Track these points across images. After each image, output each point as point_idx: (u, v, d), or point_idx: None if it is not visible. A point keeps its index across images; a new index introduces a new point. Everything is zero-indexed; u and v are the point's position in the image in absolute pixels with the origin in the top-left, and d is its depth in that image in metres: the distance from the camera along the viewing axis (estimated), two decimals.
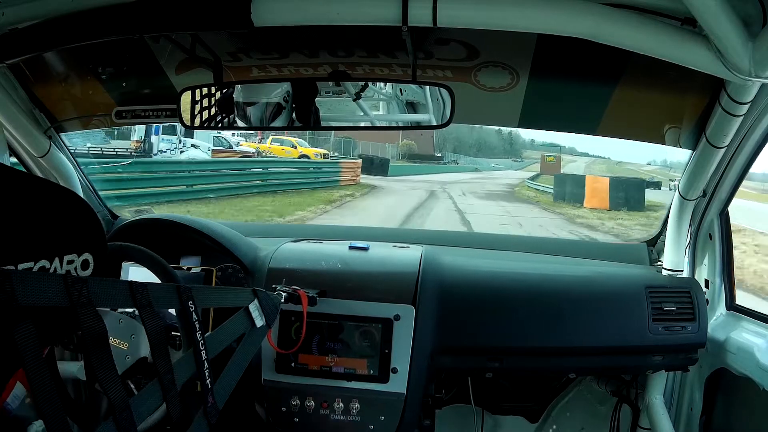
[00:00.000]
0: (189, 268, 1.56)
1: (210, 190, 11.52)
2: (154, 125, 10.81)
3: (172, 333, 1.35)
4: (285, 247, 1.62)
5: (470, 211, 12.65)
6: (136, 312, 1.19)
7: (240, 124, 1.45)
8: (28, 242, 0.69)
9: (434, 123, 1.41)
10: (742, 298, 1.63)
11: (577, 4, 1.05)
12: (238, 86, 1.46)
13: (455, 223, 10.95)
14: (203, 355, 0.96)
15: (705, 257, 1.65)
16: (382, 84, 1.53)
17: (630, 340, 1.50)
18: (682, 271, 1.65)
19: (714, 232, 1.59)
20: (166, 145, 13.88)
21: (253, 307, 1.12)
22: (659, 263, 1.75)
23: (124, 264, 1.48)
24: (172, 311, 1.37)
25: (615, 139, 1.63)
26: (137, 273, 1.46)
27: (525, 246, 1.95)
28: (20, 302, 0.61)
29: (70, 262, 0.74)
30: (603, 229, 11.40)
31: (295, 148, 18.36)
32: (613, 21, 1.04)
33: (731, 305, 1.61)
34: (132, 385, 1.19)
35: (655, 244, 1.83)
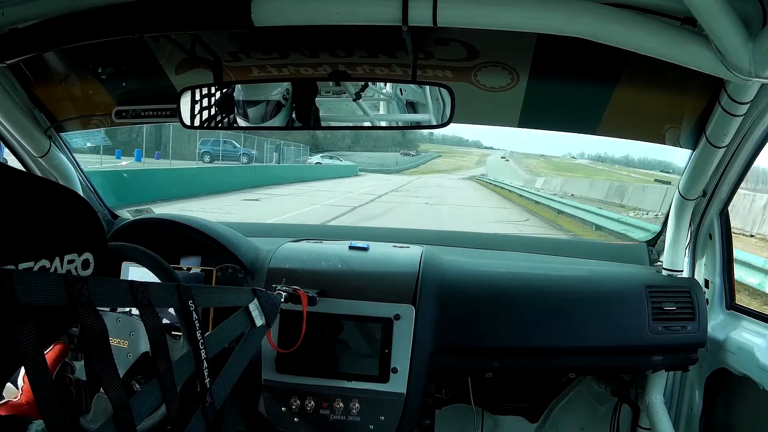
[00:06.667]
0: (189, 268, 1.56)
1: None
2: None
3: (173, 332, 1.35)
4: (285, 247, 1.62)
5: None
6: (132, 310, 1.19)
7: (240, 124, 1.45)
8: (28, 242, 0.69)
9: (434, 123, 1.41)
10: None
11: (577, 4, 1.05)
12: (238, 86, 1.47)
13: None
14: (203, 354, 0.96)
15: (705, 257, 1.65)
16: (382, 84, 1.53)
17: (630, 339, 1.50)
18: (682, 271, 1.65)
19: (714, 231, 1.59)
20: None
21: (253, 307, 1.12)
22: (659, 263, 1.75)
23: (124, 264, 1.49)
24: (171, 310, 1.37)
25: (615, 138, 1.63)
26: (137, 273, 1.47)
27: (525, 246, 1.95)
28: (21, 302, 0.61)
29: (70, 261, 0.74)
30: None
31: None
32: (613, 21, 1.04)
33: (731, 305, 1.61)
34: (137, 385, 1.20)
35: (655, 244, 1.83)
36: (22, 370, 0.67)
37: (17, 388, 1.18)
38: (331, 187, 20.71)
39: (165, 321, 1.43)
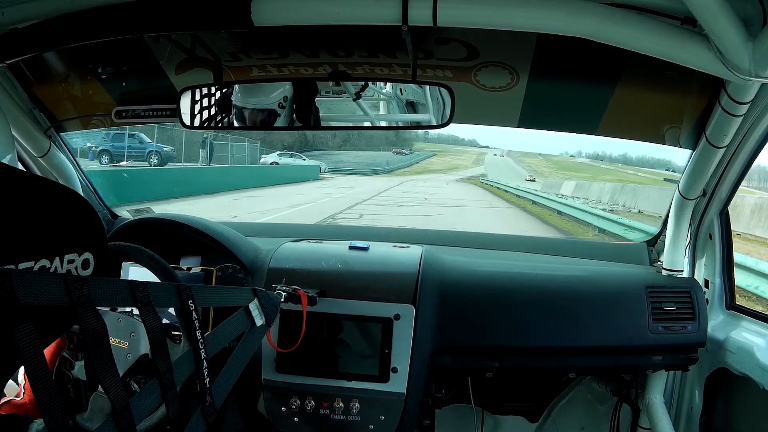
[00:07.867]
0: (189, 268, 1.56)
1: None
2: None
3: (172, 332, 1.35)
4: (285, 247, 1.62)
5: None
6: (134, 311, 1.19)
7: (240, 124, 1.45)
8: (28, 241, 0.69)
9: (434, 123, 1.42)
10: None
11: (577, 4, 1.05)
12: (237, 89, 1.47)
13: None
14: (203, 354, 0.96)
15: (705, 257, 1.65)
16: (382, 84, 1.53)
17: (630, 339, 1.50)
18: (682, 271, 1.65)
19: (714, 231, 1.60)
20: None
21: (253, 307, 1.12)
22: (659, 263, 1.75)
23: (124, 264, 1.49)
24: (171, 310, 1.37)
25: (615, 138, 1.63)
26: (137, 273, 1.47)
27: (525, 246, 1.95)
28: (21, 301, 0.62)
29: (70, 261, 0.74)
30: None
31: None
32: (613, 21, 1.04)
33: (731, 305, 1.61)
34: (135, 385, 1.20)
35: (655, 243, 1.83)
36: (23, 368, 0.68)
37: (18, 384, 1.18)
38: (228, 205, 13.17)
39: (165, 321, 1.43)
